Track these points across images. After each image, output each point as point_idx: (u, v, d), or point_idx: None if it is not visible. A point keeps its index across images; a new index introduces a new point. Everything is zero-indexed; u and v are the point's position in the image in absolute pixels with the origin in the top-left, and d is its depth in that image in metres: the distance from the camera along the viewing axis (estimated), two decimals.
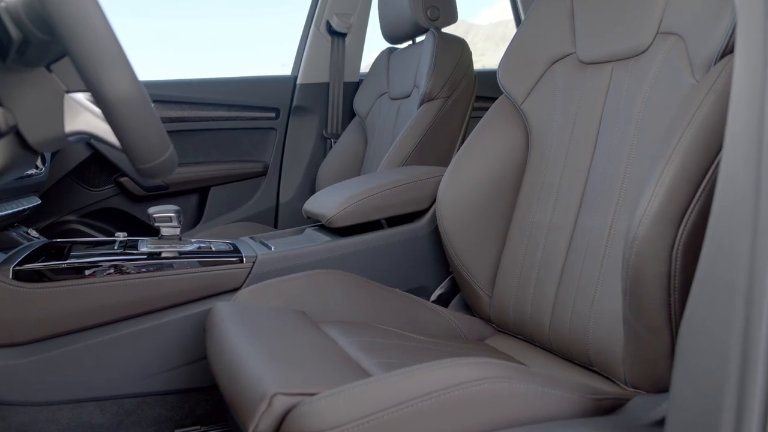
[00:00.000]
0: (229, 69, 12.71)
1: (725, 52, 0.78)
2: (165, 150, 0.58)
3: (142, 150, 0.56)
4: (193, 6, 48.85)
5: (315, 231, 1.29)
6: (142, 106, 0.54)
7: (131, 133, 0.54)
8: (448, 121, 1.58)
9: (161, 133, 0.57)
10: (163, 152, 0.58)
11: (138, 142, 0.55)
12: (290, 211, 2.04)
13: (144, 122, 0.54)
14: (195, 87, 1.90)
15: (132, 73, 0.52)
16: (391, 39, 1.86)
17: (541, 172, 1.09)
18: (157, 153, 0.57)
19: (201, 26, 52.47)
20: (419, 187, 1.24)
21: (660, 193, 0.72)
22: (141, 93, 0.53)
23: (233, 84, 1.96)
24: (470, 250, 1.14)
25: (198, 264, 1.05)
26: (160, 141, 0.57)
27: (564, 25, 1.12)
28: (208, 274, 1.04)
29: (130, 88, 0.52)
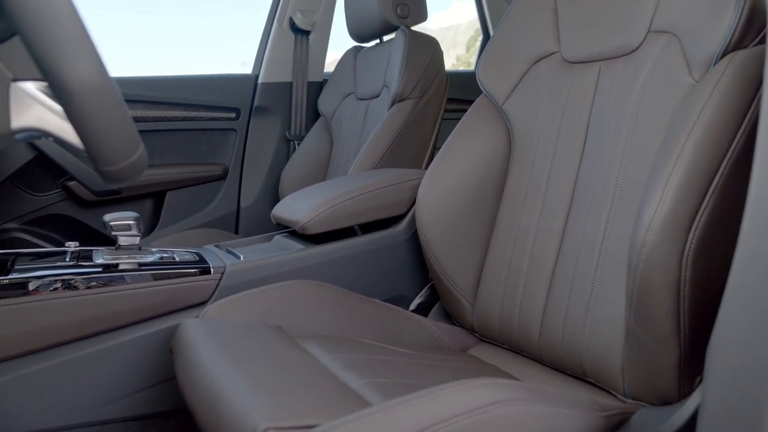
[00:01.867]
0: (184, 67, 12.32)
1: (727, 50, 0.75)
2: (135, 149, 0.50)
3: (108, 149, 0.48)
4: (147, 2, 47.05)
5: (285, 238, 1.21)
6: (109, 96, 0.45)
7: (96, 130, 0.46)
8: (420, 122, 1.53)
9: (131, 129, 0.49)
10: (132, 152, 0.50)
11: (104, 140, 0.47)
12: (252, 217, 1.94)
13: (111, 116, 0.46)
14: (149, 85, 1.79)
15: (97, 56, 0.44)
16: (358, 37, 1.80)
17: (525, 174, 1.05)
18: (126, 153, 0.49)
19: (154, 22, 50.56)
20: (397, 191, 1.18)
21: (669, 195, 0.68)
22: (108, 81, 0.45)
23: (190, 82, 1.85)
24: (452, 256, 1.09)
25: (160, 276, 0.95)
26: (129, 139, 0.49)
27: (547, 23, 1.08)
28: (172, 287, 0.95)
29: (96, 74, 0.44)
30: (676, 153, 0.70)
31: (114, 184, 0.53)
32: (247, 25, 9.71)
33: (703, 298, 0.71)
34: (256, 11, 1.93)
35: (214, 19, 62.19)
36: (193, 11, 58.30)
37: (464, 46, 9.59)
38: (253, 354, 0.76)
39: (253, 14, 5.15)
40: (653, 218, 0.69)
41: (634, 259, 0.70)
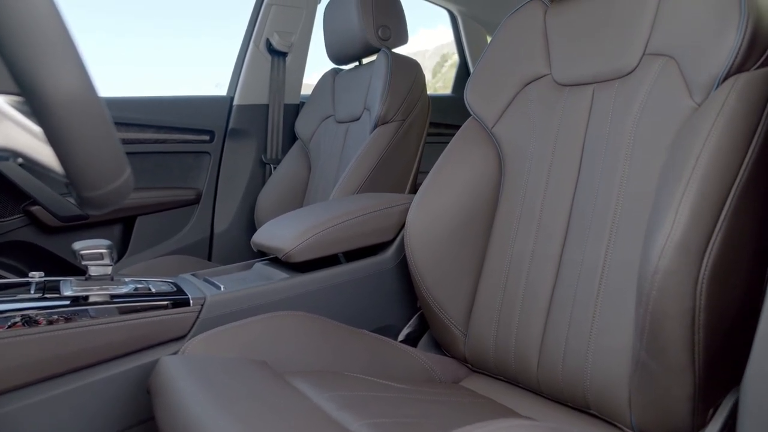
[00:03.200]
0: (156, 88, 12.13)
1: (730, 72, 0.74)
2: (121, 172, 0.45)
3: (92, 173, 0.42)
4: (119, 21, 46.40)
5: (266, 266, 1.15)
6: (95, 112, 0.40)
7: (79, 150, 0.41)
8: (403, 145, 1.49)
9: (117, 149, 0.44)
10: (118, 175, 0.44)
11: (88, 162, 0.42)
12: (226, 243, 1.87)
13: (97, 135, 0.41)
14: (119, 105, 1.72)
15: (82, 65, 0.39)
16: (337, 59, 1.77)
17: (518, 199, 1.02)
18: (112, 176, 0.44)
19: (125, 43, 49.94)
20: (384, 216, 1.13)
21: (682, 220, 0.66)
22: (94, 94, 0.40)
23: (163, 104, 1.79)
24: (442, 284, 1.05)
25: (135, 309, 0.88)
26: (116, 160, 0.43)
27: (536, 45, 1.06)
28: (148, 321, 0.88)
29: (80, 86, 0.39)
30: (686, 177, 0.68)
31: (94, 211, 0.47)
32: (220, 48, 9.56)
33: (717, 327, 0.68)
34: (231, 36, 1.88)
35: (186, 41, 61.49)
36: (163, 33, 57.44)
37: (431, 72, 9.71)
38: (239, 394, 0.69)
39: (226, 38, 4.98)
40: (666, 244, 0.66)
41: (646, 287, 0.67)
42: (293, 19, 1.89)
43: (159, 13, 36.48)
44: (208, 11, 26.20)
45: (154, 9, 37.75)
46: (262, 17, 1.84)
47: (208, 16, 22.51)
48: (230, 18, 12.33)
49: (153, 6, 26.22)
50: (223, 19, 19.75)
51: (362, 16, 1.57)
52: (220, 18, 22.13)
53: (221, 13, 24.76)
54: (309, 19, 1.92)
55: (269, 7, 1.84)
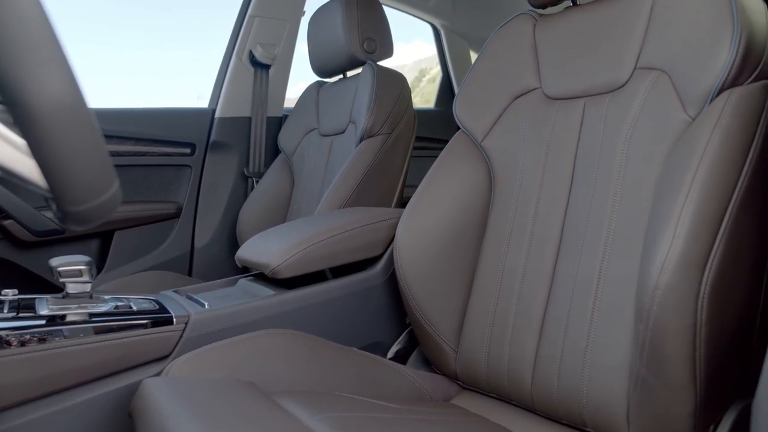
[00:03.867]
0: (135, 98, 11.89)
1: (724, 87, 0.74)
2: (110, 185, 0.42)
3: (78, 186, 0.40)
4: (102, 32, 45.15)
5: (251, 282, 1.12)
6: (83, 120, 0.38)
7: (65, 161, 0.38)
8: (389, 158, 1.48)
9: (106, 160, 0.41)
10: (107, 188, 0.42)
11: (74, 174, 0.39)
12: (207, 258, 1.83)
13: (85, 145, 0.38)
14: (97, 117, 1.67)
15: (70, 71, 0.36)
16: (321, 72, 1.75)
17: (509, 213, 1.01)
18: (100, 189, 0.41)
19: (105, 53, 48.51)
20: (373, 231, 1.11)
21: (682, 234, 0.65)
22: (82, 101, 0.37)
23: (142, 115, 1.75)
24: (432, 299, 1.03)
25: (116, 328, 0.85)
26: (104, 172, 0.41)
27: (526, 59, 1.06)
28: (129, 340, 0.84)
29: (68, 92, 0.36)
30: (685, 191, 0.67)
31: (77, 227, 0.44)
32: (202, 60, 9.46)
33: (718, 342, 0.67)
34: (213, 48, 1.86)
35: (168, 53, 61.01)
36: (144, 43, 56.61)
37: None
38: (227, 416, 0.66)
39: (208, 50, 4.90)
40: (666, 259, 0.65)
41: (647, 302, 0.66)
42: (277, 31, 1.87)
43: (140, 23, 35.90)
44: (190, 23, 26.01)
45: (136, 20, 37.25)
46: (245, 29, 1.82)
47: (190, 28, 22.39)
48: (212, 30, 12.25)
49: (134, 17, 25.68)
50: (205, 31, 19.68)
51: (348, 28, 1.56)
52: (202, 30, 21.93)
53: (203, 25, 24.53)
54: (293, 31, 1.90)
55: (252, 19, 1.82)
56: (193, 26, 46.61)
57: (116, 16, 37.91)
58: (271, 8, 1.82)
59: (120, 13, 37.29)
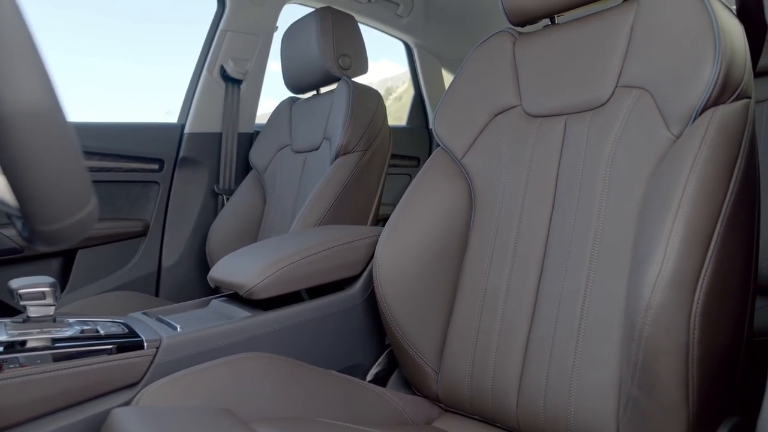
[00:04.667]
0: (98, 113, 11.52)
1: (707, 105, 0.74)
2: (86, 201, 0.39)
3: (52, 202, 0.36)
4: (66, 39, 43.93)
5: (224, 303, 1.07)
6: (59, 130, 0.34)
7: (38, 175, 0.34)
8: (365, 175, 1.46)
9: (82, 174, 0.38)
10: (83, 205, 0.38)
11: (48, 189, 0.35)
12: (174, 278, 1.77)
13: (62, 157, 0.35)
14: None
15: (46, 75, 0.33)
16: (295, 88, 1.73)
17: (490, 231, 1.00)
18: (75, 206, 0.38)
19: (72, 62, 47.23)
20: (352, 250, 1.08)
21: (673, 252, 0.64)
22: (59, 109, 0.34)
23: (109, 130, 1.69)
24: (413, 319, 1.00)
25: (82, 354, 0.79)
26: (81, 187, 0.37)
27: (506, 76, 1.05)
28: (96, 367, 0.79)
29: (43, 99, 0.33)
30: (674, 209, 0.67)
31: (47, 247, 0.40)
32: (171, 74, 9.25)
33: (710, 361, 0.66)
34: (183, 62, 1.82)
35: (136, 65, 59.68)
36: (112, 54, 55.53)
37: None
38: None
39: (178, 64, 4.79)
40: (658, 277, 0.64)
41: (639, 322, 0.65)
42: (249, 46, 1.84)
43: (108, 33, 35.13)
44: (160, 36, 25.55)
45: (105, 30, 36.39)
46: (216, 43, 1.79)
47: (160, 41, 21.94)
48: (182, 44, 12.08)
49: (103, 28, 24.97)
50: (175, 45, 19.35)
51: (323, 44, 1.54)
52: (172, 43, 21.45)
53: (173, 39, 24.08)
54: (265, 46, 1.88)
55: (224, 33, 1.79)
56: (162, 38, 45.69)
57: (83, 24, 37.01)
58: (243, 23, 1.79)
59: (98, 23, 36.36)
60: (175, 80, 2.78)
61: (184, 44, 21.27)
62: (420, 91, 2.42)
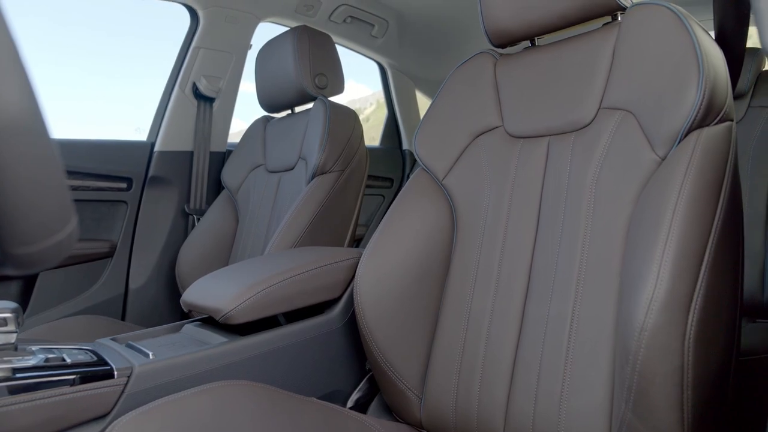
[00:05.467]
0: (63, 128, 11.17)
1: (692, 128, 0.75)
2: (66, 221, 0.35)
3: (29, 222, 0.33)
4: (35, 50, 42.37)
5: (198, 328, 1.03)
6: (39, 140, 0.31)
7: (14, 192, 0.31)
8: (342, 196, 1.43)
9: (64, 191, 0.35)
10: (62, 225, 0.35)
11: (25, 207, 0.32)
12: (142, 301, 1.70)
13: (42, 171, 0.32)
14: None
15: (26, 80, 0.30)
16: (269, 107, 1.70)
17: (473, 253, 0.98)
18: (55, 226, 0.35)
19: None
20: (332, 272, 1.05)
21: (666, 274, 0.64)
22: (40, 118, 0.31)
23: (76, 147, 1.63)
24: (395, 343, 0.98)
25: (46, 385, 0.74)
26: (62, 205, 0.34)
27: (487, 97, 1.05)
28: (63, 398, 0.74)
29: (22, 106, 0.30)
30: (665, 230, 0.67)
31: (18, 271, 0.37)
32: (141, 90, 9.01)
33: (704, 384, 0.66)
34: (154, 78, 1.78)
35: (104, 79, 57.90)
36: (81, 69, 53.36)
37: None
38: None
39: (149, 80, 4.64)
40: (652, 299, 0.63)
41: (633, 345, 0.64)
42: (222, 63, 1.81)
43: (76, 45, 33.67)
44: (129, 51, 24.83)
45: (74, 43, 35.03)
46: (189, 60, 1.75)
47: (130, 56, 21.32)
48: (153, 60, 11.77)
49: (72, 40, 23.86)
50: (147, 59, 18.90)
51: (299, 63, 1.52)
52: (143, 58, 20.79)
53: (145, 53, 23.39)
54: (239, 64, 1.85)
55: (197, 50, 1.75)
56: (132, 53, 44.37)
57: (53, 35, 35.64)
58: (217, 40, 1.77)
59: (57, 33, 34.97)
60: (146, 96, 2.70)
61: (156, 60, 20.82)
62: (394, 112, 2.42)
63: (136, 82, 53.01)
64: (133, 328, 1.44)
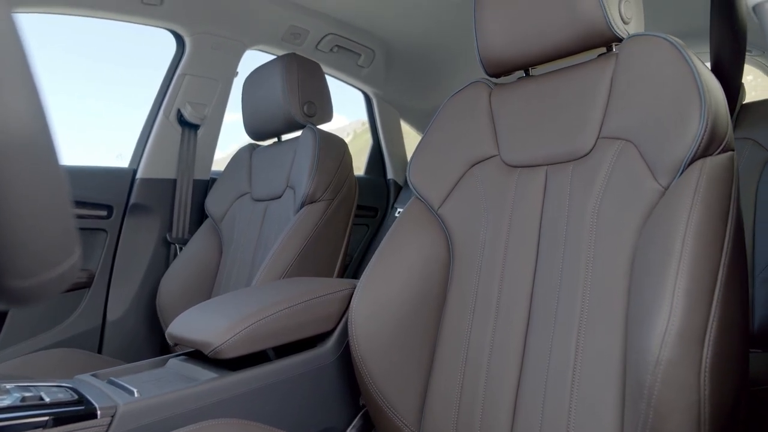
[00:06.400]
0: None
1: (695, 157, 0.74)
2: (69, 251, 0.32)
3: (30, 251, 0.30)
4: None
5: (184, 362, 0.98)
6: (46, 160, 0.29)
7: (14, 217, 0.28)
8: (332, 226, 1.41)
9: (69, 218, 0.32)
10: (66, 255, 0.32)
11: (24, 235, 0.29)
12: (120, 333, 1.64)
13: (47, 195, 0.29)
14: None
15: (36, 93, 0.28)
16: (256, 135, 1.68)
17: (471, 284, 0.96)
18: (56, 258, 0.32)
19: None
20: (325, 304, 1.02)
21: (679, 306, 0.62)
22: (49, 135, 0.29)
23: None
24: (391, 378, 0.94)
25: (23, 426, 0.69)
26: (65, 233, 0.31)
27: (482, 126, 1.05)
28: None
29: (32, 123, 0.27)
30: (675, 261, 0.65)
31: (8, 306, 0.33)
32: (123, 116, 8.77)
33: (720, 419, 0.64)
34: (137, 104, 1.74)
35: (85, 104, 56.44)
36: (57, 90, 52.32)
37: None
38: None
39: (131, 106, 4.35)
40: (666, 332, 0.61)
41: (648, 380, 0.62)
42: (208, 90, 1.79)
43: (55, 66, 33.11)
44: (111, 75, 24.41)
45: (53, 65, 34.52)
46: (174, 86, 1.73)
47: (111, 81, 20.93)
48: (135, 85, 11.58)
49: (52, 62, 23.74)
50: (129, 85, 18.42)
51: (288, 91, 1.51)
52: (125, 84, 20.42)
53: (126, 79, 22.95)
54: (224, 91, 1.83)
55: (182, 77, 1.73)
56: (113, 78, 43.63)
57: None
58: (203, 67, 1.75)
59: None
60: (128, 122, 2.60)
61: (138, 86, 20.51)
62: (378, 141, 2.42)
63: (119, 109, 52.15)
64: (112, 361, 1.38)
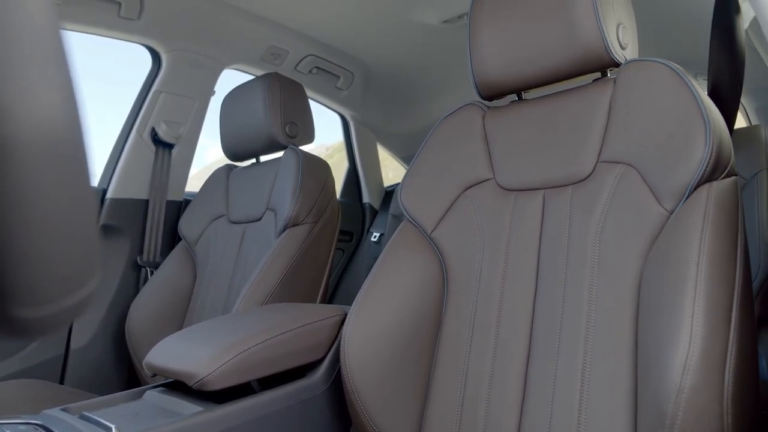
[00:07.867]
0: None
1: (701, 181, 0.74)
2: (91, 274, 0.28)
3: (51, 271, 0.26)
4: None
5: (163, 395, 0.92)
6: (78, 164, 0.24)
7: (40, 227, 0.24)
8: (315, 249, 1.36)
9: (95, 233, 0.27)
10: (86, 279, 0.28)
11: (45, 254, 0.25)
12: (85, 362, 1.54)
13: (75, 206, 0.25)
14: None
15: (71, 89, 0.24)
16: (234, 155, 1.63)
17: (468, 311, 0.93)
18: (77, 282, 0.27)
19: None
20: (315, 332, 0.97)
21: (699, 331, 0.60)
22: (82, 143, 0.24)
23: None
24: (385, 408, 0.90)
25: None
26: (90, 253, 0.27)
27: (477, 149, 1.03)
28: None
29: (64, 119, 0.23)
30: (691, 286, 0.64)
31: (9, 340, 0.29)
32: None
33: None
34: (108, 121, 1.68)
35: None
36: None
37: None
38: None
39: (101, 123, 4.19)
40: (688, 358, 0.59)
41: (670, 408, 0.60)
42: (183, 108, 1.73)
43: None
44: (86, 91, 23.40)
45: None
46: (148, 104, 1.67)
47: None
48: (102, 100, 11.15)
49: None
50: (97, 99, 17.80)
51: (270, 111, 1.47)
52: (93, 98, 19.51)
53: (95, 92, 21.98)
54: (201, 110, 1.77)
55: (158, 94, 1.67)
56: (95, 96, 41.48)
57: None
58: (179, 84, 1.69)
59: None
60: (96, 138, 2.46)
61: (106, 102, 19.73)
62: (355, 165, 2.39)
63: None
64: (78, 393, 1.29)
